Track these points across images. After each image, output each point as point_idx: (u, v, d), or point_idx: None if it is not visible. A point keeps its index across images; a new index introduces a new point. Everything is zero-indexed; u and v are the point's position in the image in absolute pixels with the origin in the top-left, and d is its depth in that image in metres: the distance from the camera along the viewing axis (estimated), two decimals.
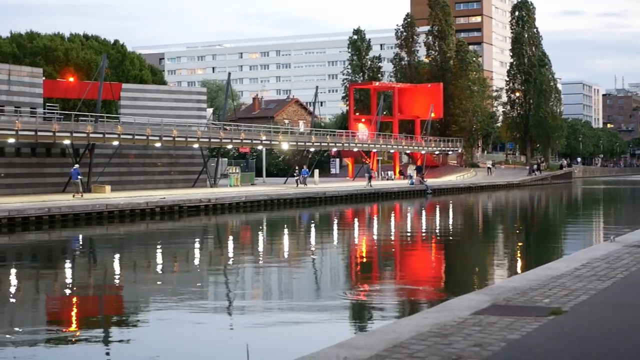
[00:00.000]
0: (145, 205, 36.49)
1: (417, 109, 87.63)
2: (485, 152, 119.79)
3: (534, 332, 6.85)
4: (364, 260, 22.97)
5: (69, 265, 22.10)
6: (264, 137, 60.57)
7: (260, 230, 33.67)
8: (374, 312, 14.04)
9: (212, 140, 54.50)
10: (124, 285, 18.06)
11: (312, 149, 67.95)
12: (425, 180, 65.68)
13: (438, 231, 32.51)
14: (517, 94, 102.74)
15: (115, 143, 47.12)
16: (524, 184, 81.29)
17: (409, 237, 30.50)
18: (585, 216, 44.11)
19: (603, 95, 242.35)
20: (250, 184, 60.55)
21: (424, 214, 44.55)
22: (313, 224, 36.74)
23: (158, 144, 50.26)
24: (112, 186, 45.55)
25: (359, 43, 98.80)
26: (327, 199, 48.79)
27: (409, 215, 44.73)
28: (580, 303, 8.24)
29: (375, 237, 30.17)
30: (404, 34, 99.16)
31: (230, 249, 26.42)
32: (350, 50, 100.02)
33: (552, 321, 7.29)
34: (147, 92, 55.55)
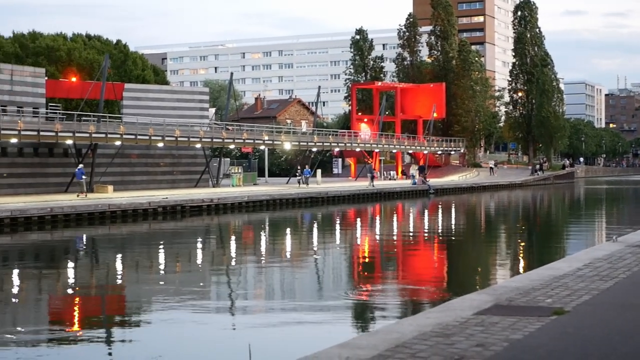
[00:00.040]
0: (147, 205, 36.51)
1: (419, 109, 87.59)
2: (488, 152, 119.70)
3: (536, 332, 6.84)
4: (366, 260, 22.97)
5: (71, 265, 22.11)
6: (266, 137, 60.60)
7: (262, 230, 33.68)
8: (376, 312, 14.04)
9: (215, 140, 54.51)
10: (126, 285, 18.07)
11: (315, 149, 67.96)
12: (428, 180, 65.69)
13: (440, 231, 32.50)
14: (520, 94, 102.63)
15: (118, 143, 47.14)
16: (526, 184, 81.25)
17: (412, 237, 30.49)
18: (588, 216, 44.08)
19: (605, 95, 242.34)
20: (253, 184, 60.54)
21: (426, 214, 44.53)
22: (315, 224, 36.75)
23: (160, 144, 50.28)
24: (114, 186, 45.59)
25: (361, 43, 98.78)
26: (330, 199, 48.78)
27: (411, 215, 44.71)
28: (582, 303, 8.24)
29: (378, 237, 30.15)
30: (407, 34, 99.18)
31: (233, 249, 26.44)
32: (352, 50, 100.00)
33: (555, 321, 7.29)
34: (150, 92, 55.56)
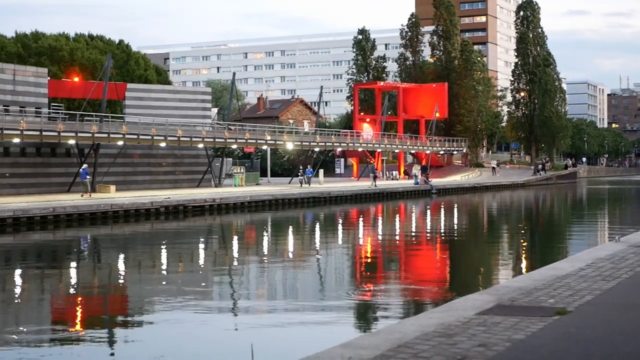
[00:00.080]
0: (150, 205, 36.54)
1: (421, 109, 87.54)
2: (490, 152, 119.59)
3: (538, 332, 6.84)
4: (369, 260, 22.96)
5: (73, 265, 22.12)
6: (268, 137, 60.60)
7: (264, 230, 33.68)
8: (378, 312, 14.03)
9: (217, 140, 54.53)
10: (128, 285, 18.08)
11: (317, 149, 67.93)
12: (430, 180, 65.65)
13: (443, 231, 32.47)
14: (522, 94, 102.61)
15: (120, 143, 47.17)
16: (528, 184, 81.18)
17: (414, 237, 30.48)
18: (590, 216, 44.03)
19: (608, 95, 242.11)
20: (255, 183, 60.56)
21: (428, 213, 44.50)
22: (318, 224, 36.74)
23: (163, 144, 50.32)
24: (116, 186, 45.64)
25: (363, 43, 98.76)
26: (332, 199, 48.78)
27: (413, 215, 44.69)
28: (585, 303, 8.22)
29: (380, 237, 30.14)
30: (409, 33, 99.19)
31: (235, 249, 26.45)
32: (355, 50, 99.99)
33: (557, 321, 7.28)
34: (152, 92, 55.61)
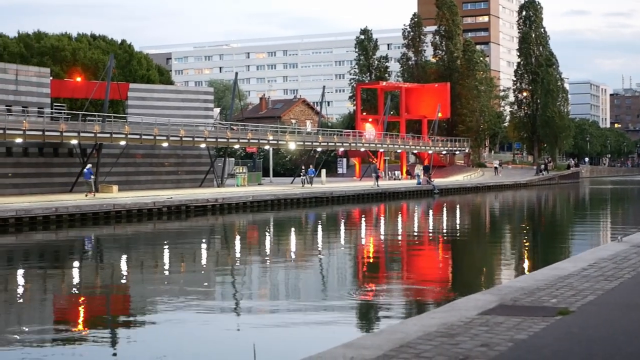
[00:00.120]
0: (152, 205, 36.55)
1: (424, 109, 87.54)
2: (493, 152, 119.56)
3: (541, 332, 6.83)
4: (371, 260, 22.95)
5: (76, 265, 22.13)
6: (271, 137, 60.61)
7: (267, 230, 33.67)
8: (380, 312, 14.02)
9: (219, 140, 54.56)
10: (130, 285, 18.09)
11: (319, 149, 67.94)
12: (433, 180, 65.61)
13: (445, 231, 32.45)
14: (525, 94, 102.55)
15: (123, 143, 47.21)
16: (531, 184, 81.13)
17: (416, 237, 30.47)
18: (593, 216, 43.98)
19: (610, 95, 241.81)
20: (257, 183, 60.59)
21: (431, 213, 44.49)
22: (320, 224, 36.74)
23: (165, 144, 50.35)
24: (119, 186, 45.66)
25: (366, 43, 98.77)
26: (334, 199, 48.77)
27: (416, 215, 44.68)
28: (587, 303, 8.22)
29: (382, 237, 30.14)
30: (411, 33, 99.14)
31: (237, 249, 26.44)
32: (357, 50, 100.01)
33: (560, 321, 7.27)
34: (155, 92, 55.64)
